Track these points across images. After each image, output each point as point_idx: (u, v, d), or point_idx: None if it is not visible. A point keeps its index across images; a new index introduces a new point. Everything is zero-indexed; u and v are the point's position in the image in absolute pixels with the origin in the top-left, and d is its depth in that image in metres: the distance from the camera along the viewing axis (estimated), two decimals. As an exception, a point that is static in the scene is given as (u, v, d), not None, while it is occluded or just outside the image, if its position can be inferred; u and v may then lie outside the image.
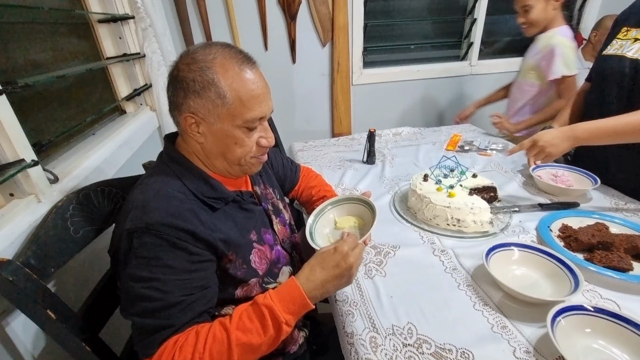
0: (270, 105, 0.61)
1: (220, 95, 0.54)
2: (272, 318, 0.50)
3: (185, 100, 0.55)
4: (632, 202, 0.89)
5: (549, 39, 1.31)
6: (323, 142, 1.48)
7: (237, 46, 0.59)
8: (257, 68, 0.58)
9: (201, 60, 0.54)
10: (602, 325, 0.52)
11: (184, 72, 0.54)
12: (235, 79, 0.54)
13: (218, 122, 0.56)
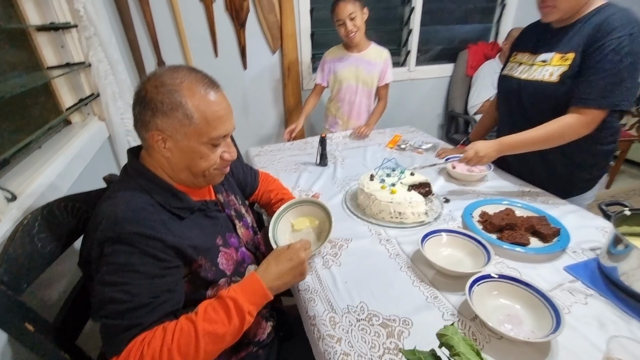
0: (233, 123, 0.67)
1: (187, 115, 0.59)
2: (237, 308, 0.57)
3: (153, 119, 0.60)
4: (529, 187, 1.10)
5: (380, 52, 1.62)
6: (278, 146, 1.55)
7: (201, 70, 0.64)
8: (220, 91, 0.65)
9: (169, 84, 0.59)
10: (505, 287, 0.67)
11: (152, 94, 0.59)
12: (201, 101, 0.60)
13: (185, 139, 0.61)
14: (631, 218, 0.75)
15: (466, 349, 0.39)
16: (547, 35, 1.00)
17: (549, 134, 0.94)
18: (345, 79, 1.63)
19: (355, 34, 1.51)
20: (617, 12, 0.87)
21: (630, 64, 0.85)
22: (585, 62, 0.90)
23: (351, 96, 1.66)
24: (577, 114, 0.91)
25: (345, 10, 1.44)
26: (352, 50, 1.60)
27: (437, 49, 2.45)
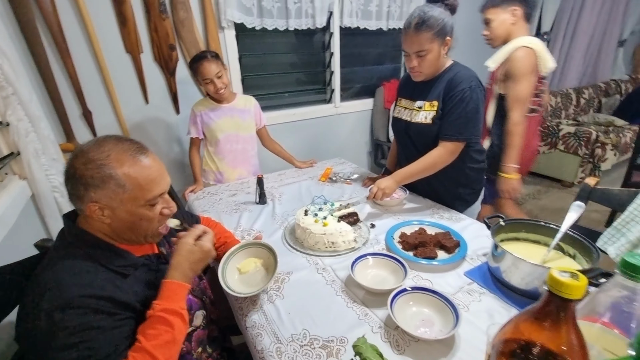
0: (168, 180, 0.73)
1: (119, 185, 0.63)
2: (170, 313, 0.63)
3: (87, 193, 0.63)
4: (437, 206, 1.32)
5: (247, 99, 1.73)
6: (215, 189, 1.60)
7: (129, 137, 0.69)
8: (150, 154, 0.69)
9: (97, 159, 0.62)
10: (418, 297, 0.81)
11: (81, 171, 0.62)
12: (131, 168, 0.64)
13: (122, 206, 0.65)
14: (506, 227, 0.97)
15: (372, 354, 0.50)
16: (419, 86, 1.27)
17: (427, 164, 1.22)
18: (222, 130, 1.63)
19: (225, 90, 1.57)
20: (461, 69, 1.18)
21: (473, 109, 1.15)
22: (444, 108, 1.18)
23: (232, 145, 1.68)
24: (443, 147, 1.19)
25: (211, 70, 1.48)
26: (222, 102, 1.64)
27: (358, 86, 2.75)
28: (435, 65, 1.18)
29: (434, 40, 1.11)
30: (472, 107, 1.14)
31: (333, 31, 2.36)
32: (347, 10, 2.27)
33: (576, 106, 3.86)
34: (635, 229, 0.91)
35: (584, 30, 3.73)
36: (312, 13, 2.16)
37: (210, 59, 1.49)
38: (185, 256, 0.72)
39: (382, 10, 2.41)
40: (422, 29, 1.09)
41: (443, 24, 1.10)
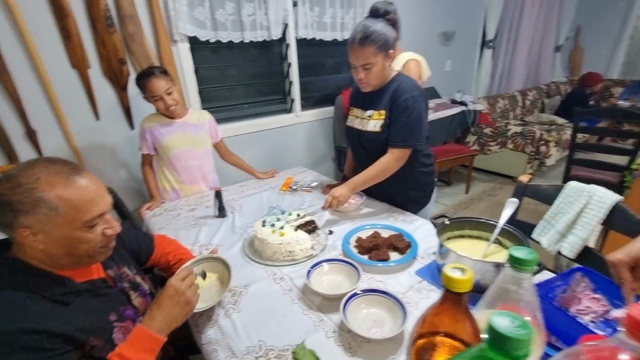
0: (107, 199, 0.70)
1: (52, 208, 0.60)
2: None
3: (16, 219, 0.60)
4: (393, 209, 1.37)
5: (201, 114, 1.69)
6: (173, 204, 1.57)
7: (61, 158, 0.66)
8: (85, 173, 0.66)
9: (25, 183, 0.59)
10: (369, 299, 0.85)
11: (9, 196, 0.59)
12: (64, 190, 0.61)
13: (56, 230, 0.62)
14: (451, 225, 1.03)
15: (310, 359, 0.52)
16: (369, 96, 1.33)
17: (377, 171, 1.27)
18: (175, 146, 1.58)
19: (176, 107, 1.52)
20: (405, 80, 1.26)
21: (416, 117, 1.22)
22: (391, 117, 1.25)
23: (187, 161, 1.62)
24: (391, 154, 1.26)
25: (160, 86, 1.43)
26: (173, 118, 1.58)
27: (318, 95, 2.81)
28: (381, 76, 1.24)
29: (378, 53, 1.17)
30: (416, 116, 1.21)
31: (289, 42, 2.40)
32: (301, 22, 2.33)
33: (522, 107, 4.16)
34: (562, 220, 1.01)
35: (524, 37, 4.05)
36: (266, 25, 2.18)
37: (158, 75, 1.44)
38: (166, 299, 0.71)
39: (336, 22, 2.49)
40: (366, 43, 1.15)
41: (385, 38, 1.16)
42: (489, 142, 3.54)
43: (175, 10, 1.84)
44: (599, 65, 4.88)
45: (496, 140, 3.49)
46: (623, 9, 4.68)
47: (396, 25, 1.25)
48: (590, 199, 0.95)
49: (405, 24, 3.06)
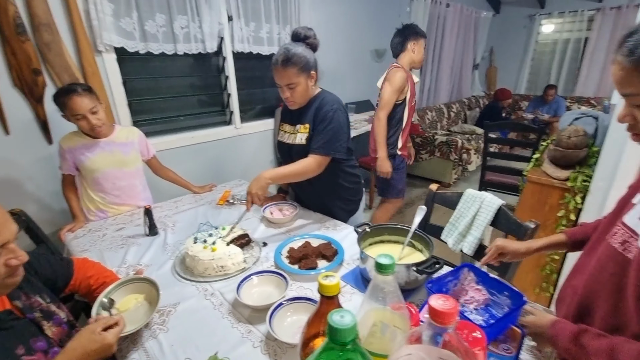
0: (11, 228, 0.67)
1: None
2: None
3: None
4: (325, 218, 1.46)
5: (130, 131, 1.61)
6: (99, 224, 1.49)
7: None
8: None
9: None
10: (295, 306, 0.90)
11: None
12: None
13: None
14: (372, 232, 1.13)
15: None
16: (296, 112, 1.42)
17: (297, 169, 1.32)
18: (101, 167, 1.49)
19: (102, 128, 1.43)
20: (327, 96, 1.37)
21: (334, 127, 1.31)
22: (314, 128, 1.34)
23: (115, 182, 1.54)
24: (311, 158, 1.32)
25: (83, 105, 1.35)
26: (98, 137, 1.48)
27: (258, 107, 2.84)
28: (305, 95, 1.33)
29: (300, 74, 1.25)
30: (334, 126, 1.31)
31: (226, 55, 2.41)
32: (237, 36, 2.36)
33: (448, 118, 4.61)
34: (462, 223, 1.17)
35: (446, 56, 4.52)
36: (201, 38, 2.18)
37: (81, 93, 1.34)
38: (84, 343, 0.70)
39: (272, 37, 2.56)
40: (288, 65, 1.23)
41: (306, 61, 1.25)
42: (420, 150, 3.86)
43: (98, 20, 1.76)
44: (509, 82, 5.60)
45: (426, 149, 3.82)
46: (525, 35, 5.45)
47: (316, 49, 1.35)
48: (482, 204, 1.12)
49: (341, 42, 3.26)
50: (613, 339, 0.57)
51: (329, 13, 3.05)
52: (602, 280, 0.65)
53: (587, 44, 4.93)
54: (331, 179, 1.40)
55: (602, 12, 4.64)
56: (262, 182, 1.29)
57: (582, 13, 4.86)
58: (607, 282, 0.64)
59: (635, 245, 0.60)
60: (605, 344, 0.56)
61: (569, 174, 1.55)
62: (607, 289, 0.64)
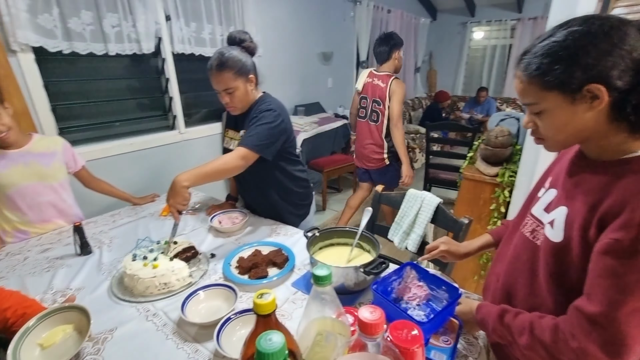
0: None
1: None
2: None
3: None
4: (276, 224, 1.45)
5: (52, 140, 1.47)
6: (18, 246, 1.32)
7: None
8: None
9: None
10: (245, 318, 0.87)
11: None
12: None
13: None
14: (321, 236, 1.14)
15: None
16: (240, 117, 1.39)
17: (218, 165, 1.21)
18: (15, 182, 1.33)
19: (8, 134, 1.28)
20: (268, 99, 1.35)
21: (267, 125, 1.25)
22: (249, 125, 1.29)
23: (35, 198, 1.38)
24: (236, 151, 1.23)
25: None
26: (9, 148, 1.32)
27: (204, 111, 2.73)
28: (246, 99, 1.31)
29: (237, 78, 1.23)
30: (266, 123, 1.25)
31: (165, 57, 2.28)
32: (177, 36, 2.24)
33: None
34: (406, 222, 1.23)
35: (390, 59, 4.71)
36: (135, 38, 2.03)
37: None
38: None
39: (215, 38, 2.48)
40: (223, 70, 1.20)
41: (242, 64, 1.23)
42: (369, 150, 3.98)
43: (10, 16, 1.56)
44: (447, 84, 6.03)
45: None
46: (459, 40, 5.90)
47: (254, 52, 1.33)
48: (423, 203, 1.19)
49: (288, 45, 3.26)
50: (531, 316, 0.64)
51: (275, 16, 3.02)
52: (519, 267, 0.73)
53: (511, 49, 5.48)
54: (280, 184, 1.39)
55: (522, 22, 5.19)
56: (178, 189, 1.14)
57: (505, 22, 5.40)
58: (522, 268, 0.72)
59: (542, 233, 0.68)
60: (525, 321, 0.64)
61: (498, 171, 1.71)
62: (524, 273, 0.71)
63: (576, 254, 0.60)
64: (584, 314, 0.55)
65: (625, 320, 0.51)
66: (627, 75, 0.53)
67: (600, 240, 0.55)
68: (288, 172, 1.42)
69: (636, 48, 0.53)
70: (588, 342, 0.54)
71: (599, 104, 0.55)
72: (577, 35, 0.55)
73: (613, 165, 0.59)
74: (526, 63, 0.60)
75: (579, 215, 0.60)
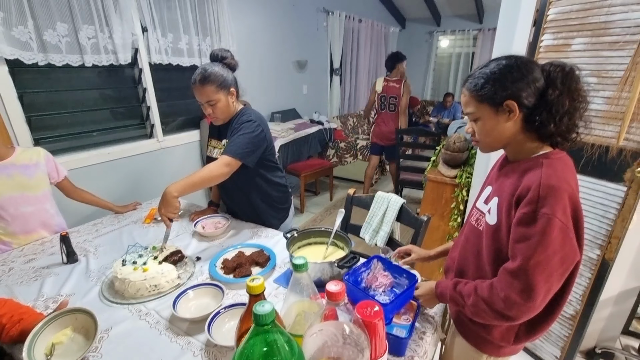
0: None
1: None
2: None
3: None
4: (257, 227, 1.55)
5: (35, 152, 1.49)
6: (1, 257, 1.34)
7: None
8: None
9: None
10: (232, 312, 0.97)
11: None
12: None
13: None
14: (299, 236, 1.25)
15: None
16: (222, 127, 1.49)
17: (203, 175, 1.29)
18: None
19: None
20: (249, 111, 1.45)
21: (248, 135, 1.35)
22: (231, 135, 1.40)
23: (18, 208, 1.42)
24: (220, 159, 1.32)
25: None
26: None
27: (181, 119, 2.77)
28: (227, 111, 1.41)
29: (219, 91, 1.34)
30: (247, 133, 1.35)
31: (142, 67, 2.32)
32: (154, 47, 2.29)
33: (368, 123, 5.02)
34: (375, 221, 1.37)
35: (362, 66, 4.93)
36: (112, 49, 2.07)
37: None
38: None
39: (192, 49, 2.54)
40: (205, 83, 1.31)
41: (223, 78, 1.34)
42: (344, 154, 4.15)
43: (-16, 29, 1.57)
44: (417, 89, 6.32)
45: (350, 152, 4.13)
46: (427, 48, 6.22)
47: (235, 68, 1.43)
48: (389, 203, 1.34)
49: (264, 54, 3.36)
50: (475, 282, 0.82)
51: (250, 25, 3.12)
52: (469, 248, 0.90)
53: (474, 57, 5.84)
54: (261, 190, 1.50)
55: (482, 32, 5.56)
56: (169, 199, 1.23)
57: (468, 32, 5.76)
58: (471, 249, 0.89)
59: (483, 221, 0.85)
60: (471, 285, 0.81)
61: (457, 172, 1.90)
62: (472, 254, 0.88)
63: (504, 232, 0.77)
64: (507, 270, 0.73)
65: (533, 272, 0.68)
66: (532, 97, 0.74)
67: (515, 216, 0.74)
68: (268, 178, 1.53)
69: (538, 79, 0.74)
70: (510, 291, 0.71)
71: (514, 116, 0.76)
72: (501, 66, 0.76)
73: (525, 162, 0.79)
74: (470, 84, 0.80)
75: (505, 201, 0.78)
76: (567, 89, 0.73)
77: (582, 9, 1.26)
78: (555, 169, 0.73)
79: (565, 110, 0.73)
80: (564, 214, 0.69)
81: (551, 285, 0.70)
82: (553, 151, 0.78)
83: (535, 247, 0.69)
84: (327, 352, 0.56)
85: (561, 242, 0.69)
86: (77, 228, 1.57)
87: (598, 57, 1.25)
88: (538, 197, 0.69)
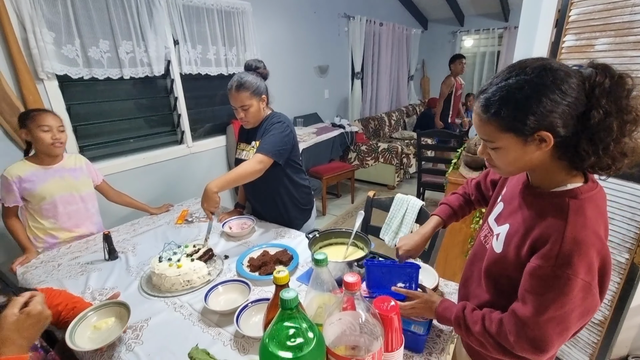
0: None
1: None
2: None
3: None
4: (281, 228, 1.62)
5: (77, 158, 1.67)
6: (51, 255, 1.48)
7: None
8: None
9: None
10: (259, 306, 1.04)
11: None
12: None
13: None
14: (321, 237, 1.31)
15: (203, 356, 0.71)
16: (251, 131, 1.59)
17: (239, 171, 1.40)
18: (52, 193, 1.52)
19: (61, 147, 1.52)
20: (276, 114, 1.56)
21: (279, 134, 1.47)
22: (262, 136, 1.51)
23: (66, 207, 1.57)
24: (254, 157, 1.43)
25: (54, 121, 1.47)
26: (49, 164, 1.53)
27: (209, 125, 2.92)
28: (258, 115, 1.52)
29: (252, 97, 1.45)
30: (278, 133, 1.47)
31: (174, 77, 2.47)
32: (185, 59, 2.44)
33: (389, 126, 5.02)
34: (394, 222, 1.41)
35: (384, 69, 4.94)
36: (147, 62, 2.23)
37: (50, 112, 1.49)
38: (13, 329, 0.72)
39: (220, 59, 2.68)
40: (240, 90, 1.43)
41: (257, 86, 1.45)
42: (366, 157, 4.18)
43: (38, 49, 1.75)
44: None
45: (371, 155, 4.15)
46: (450, 48, 6.13)
47: (266, 77, 1.53)
48: (408, 205, 1.37)
49: (286, 60, 3.47)
50: (484, 310, 0.75)
51: (273, 34, 3.24)
52: (475, 262, 0.88)
53: (499, 56, 5.70)
54: (287, 191, 1.59)
55: (508, 30, 5.42)
56: (210, 194, 1.34)
57: (493, 31, 5.63)
58: (477, 265, 0.85)
59: (490, 242, 0.79)
60: (478, 314, 0.75)
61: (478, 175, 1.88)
62: (477, 270, 0.85)
63: (510, 265, 0.71)
64: (518, 316, 0.66)
65: (545, 326, 0.62)
66: (569, 125, 0.59)
67: (530, 263, 0.65)
68: (293, 179, 1.61)
69: (578, 100, 0.58)
70: (520, 338, 0.65)
71: (546, 147, 0.61)
72: (532, 85, 0.58)
73: (549, 197, 0.67)
74: (484, 103, 0.64)
75: (517, 235, 0.70)
76: (616, 107, 0.57)
77: (605, 9, 1.24)
78: (585, 216, 0.62)
79: (614, 138, 0.58)
80: (589, 272, 0.59)
81: (567, 337, 0.64)
82: (584, 187, 0.65)
83: (550, 304, 0.61)
84: (345, 340, 0.61)
85: (582, 299, 0.60)
86: (117, 228, 1.71)
87: (622, 57, 1.22)
88: (558, 253, 0.60)
